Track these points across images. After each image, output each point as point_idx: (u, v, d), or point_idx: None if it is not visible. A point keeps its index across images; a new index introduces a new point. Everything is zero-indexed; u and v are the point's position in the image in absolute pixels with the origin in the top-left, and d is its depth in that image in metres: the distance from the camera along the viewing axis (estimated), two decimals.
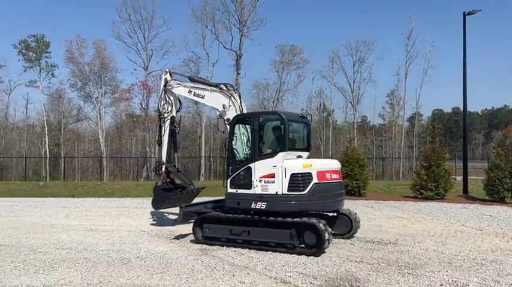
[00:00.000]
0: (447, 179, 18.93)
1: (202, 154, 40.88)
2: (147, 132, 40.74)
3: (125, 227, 11.25)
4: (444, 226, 11.40)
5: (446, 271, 6.75)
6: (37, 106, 46.89)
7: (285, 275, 6.47)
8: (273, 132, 9.03)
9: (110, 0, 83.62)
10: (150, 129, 40.62)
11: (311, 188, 8.02)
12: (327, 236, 7.70)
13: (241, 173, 8.70)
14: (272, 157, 8.40)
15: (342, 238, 9.35)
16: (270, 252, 8.00)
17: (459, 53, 25.95)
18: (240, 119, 9.26)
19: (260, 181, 8.37)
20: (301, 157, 8.88)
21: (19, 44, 43.37)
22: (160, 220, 12.53)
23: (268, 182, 8.29)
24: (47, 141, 41.96)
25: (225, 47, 40.07)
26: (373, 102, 77.58)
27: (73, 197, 20.98)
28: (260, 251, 8.07)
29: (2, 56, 42.36)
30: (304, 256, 7.72)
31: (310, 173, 8.08)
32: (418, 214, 13.82)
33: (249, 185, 8.49)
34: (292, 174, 8.12)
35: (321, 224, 7.78)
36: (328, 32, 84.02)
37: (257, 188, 8.38)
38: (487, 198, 18.24)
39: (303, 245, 7.93)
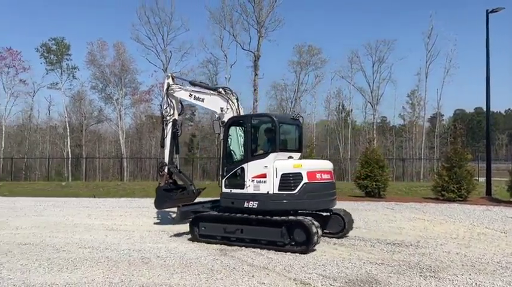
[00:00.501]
0: (470, 180, 18.56)
1: (221, 155, 41.06)
2: None
3: (145, 227, 11.39)
4: (467, 229, 11.17)
5: (470, 275, 6.62)
6: (59, 108, 47.93)
7: (305, 277, 6.44)
8: (265, 134, 9.34)
9: (129, 3, 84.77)
10: None
11: (301, 187, 8.30)
12: (314, 231, 7.89)
13: (235, 173, 9.05)
14: (264, 157, 8.72)
15: (335, 237, 9.51)
16: (289, 253, 7.98)
17: (482, 52, 25.43)
18: (234, 121, 9.61)
19: (252, 180, 8.69)
20: (292, 157, 9.13)
21: (40, 47, 44.42)
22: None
23: (260, 182, 8.61)
24: (68, 142, 42.81)
25: (243, 48, 40.22)
26: (393, 102, 76.45)
27: (94, 197, 21.35)
28: (279, 252, 8.06)
29: (26, 59, 42.80)
30: (324, 257, 7.70)
31: (301, 173, 8.36)
32: (440, 216, 13.59)
33: (242, 185, 8.81)
34: (283, 174, 8.41)
35: (308, 221, 8.00)
36: (347, 32, 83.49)
37: (249, 188, 8.71)
38: (511, 200, 17.80)
39: (293, 243, 8.13)
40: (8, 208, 16.40)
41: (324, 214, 9.49)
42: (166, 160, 11.63)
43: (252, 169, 8.73)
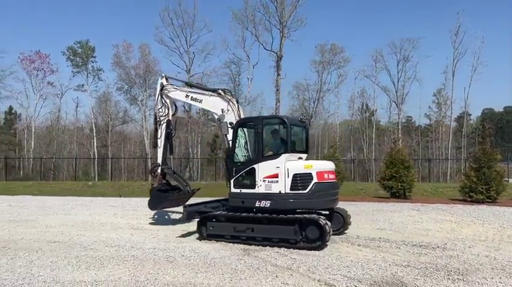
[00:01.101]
0: (499, 181, 18.01)
1: None
2: (190, 134, 41.57)
3: (169, 226, 11.54)
4: (496, 231, 10.85)
5: (500, 278, 6.43)
6: (86, 109, 49.24)
7: (329, 278, 6.39)
8: (277, 135, 9.57)
9: (153, 6, 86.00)
10: (193, 131, 41.43)
11: (311, 187, 8.60)
12: (327, 229, 8.24)
13: (244, 173, 9.24)
14: (275, 158, 8.96)
15: (335, 234, 9.57)
16: (311, 255, 7.94)
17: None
18: (244, 122, 9.88)
19: (264, 180, 8.92)
20: (302, 158, 9.45)
21: (67, 50, 45.61)
22: None
23: (271, 182, 8.84)
24: (95, 142, 43.78)
25: (265, 49, 40.24)
26: (419, 101, 75.17)
27: (120, 196, 21.75)
28: (303, 253, 8.03)
29: (53, 62, 44.07)
30: (348, 259, 7.61)
31: (311, 173, 8.66)
32: (468, 218, 13.23)
33: (253, 185, 9.04)
34: (294, 174, 8.68)
35: (322, 220, 8.35)
36: (371, 31, 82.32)
37: (261, 188, 8.93)
38: None
39: (305, 240, 8.42)
40: (38, 206, 16.90)
41: (324, 212, 9.69)
42: (160, 160, 11.62)
43: (263, 169, 8.95)
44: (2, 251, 8.25)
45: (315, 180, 8.62)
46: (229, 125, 9.82)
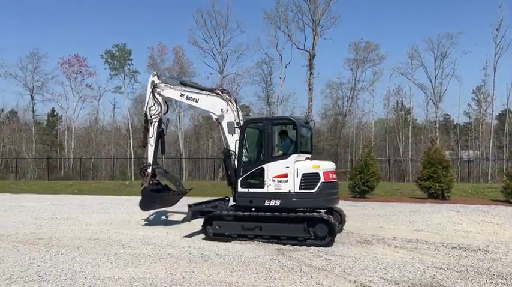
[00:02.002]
0: None
1: None
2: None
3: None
4: None
5: None
6: (123, 110, 50.57)
7: (365, 279, 6.29)
8: (286, 136, 9.81)
9: (187, 8, 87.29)
10: None
11: (319, 186, 8.92)
12: (337, 227, 8.72)
13: (252, 173, 9.43)
14: (285, 158, 9.22)
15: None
16: (347, 256, 7.83)
17: None
18: (252, 123, 10.13)
19: (273, 180, 9.13)
20: (309, 158, 9.69)
21: (105, 54, 47.01)
22: None
23: (281, 181, 9.08)
24: (131, 143, 44.89)
25: (298, 48, 40.06)
26: (457, 99, 72.46)
27: None
28: (337, 254, 7.94)
29: (91, 65, 45.58)
30: (385, 260, 7.46)
31: (318, 173, 8.99)
32: (511, 219, 12.69)
33: (261, 185, 9.25)
34: (303, 174, 8.97)
35: (331, 218, 8.76)
36: (406, 27, 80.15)
37: (270, 187, 9.15)
38: None
39: (314, 237, 8.73)
40: (78, 205, 17.52)
41: (323, 210, 9.90)
42: (151, 160, 11.41)
43: (272, 169, 9.17)
44: (45, 248, 8.60)
45: (322, 179, 8.94)
46: (236, 125, 9.89)
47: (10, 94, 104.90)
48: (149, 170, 11.36)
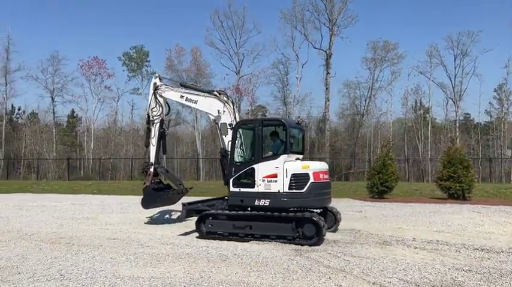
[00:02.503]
0: None
1: None
2: None
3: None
4: None
5: None
6: (141, 111, 50.93)
7: (384, 281, 6.21)
8: (276, 137, 9.92)
9: (204, 9, 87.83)
10: None
11: (308, 186, 9.02)
12: (323, 227, 8.72)
13: (244, 173, 9.60)
14: (275, 159, 9.36)
15: (329, 231, 9.84)
16: (366, 257, 7.76)
17: None
18: (244, 124, 10.23)
19: (263, 180, 9.30)
20: (299, 159, 9.83)
21: (123, 56, 47.64)
22: None
23: (271, 181, 9.23)
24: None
25: (314, 47, 39.98)
26: (478, 98, 71.01)
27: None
28: (356, 255, 7.87)
29: (110, 67, 46.16)
30: (405, 261, 7.36)
31: (308, 173, 9.08)
32: None
33: (252, 185, 9.41)
34: (292, 174, 9.07)
35: (319, 218, 8.82)
36: (425, 25, 78.98)
37: (260, 187, 9.31)
38: None
39: (302, 237, 8.86)
40: (97, 205, 17.78)
41: (318, 211, 10.12)
42: (153, 159, 11.72)
43: (263, 169, 9.33)
44: (67, 247, 8.75)
45: (311, 180, 9.04)
46: (228, 126, 10.11)
47: (31, 96, 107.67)
48: (151, 170, 11.71)
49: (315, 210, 9.94)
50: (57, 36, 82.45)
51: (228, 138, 10.11)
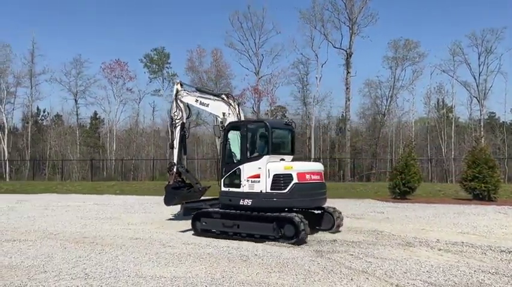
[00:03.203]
0: None
1: (312, 155, 40.79)
2: None
3: None
4: None
5: None
6: (162, 113, 51.65)
7: (408, 283, 6.10)
8: (259, 138, 10.10)
9: (223, 10, 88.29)
10: None
11: (291, 187, 9.09)
12: (302, 227, 8.68)
13: (232, 173, 9.92)
14: (258, 159, 9.55)
15: (328, 232, 10.17)
16: (388, 259, 7.65)
17: None
18: (233, 126, 10.49)
19: (248, 180, 9.54)
20: (284, 159, 9.86)
21: (144, 58, 48.30)
22: None
23: (254, 181, 9.45)
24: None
25: (334, 47, 39.70)
26: (504, 96, 69.18)
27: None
28: (378, 256, 7.77)
29: (131, 69, 46.84)
30: (429, 263, 7.23)
31: (291, 174, 9.15)
32: None
33: (238, 185, 9.71)
34: (274, 175, 9.22)
35: (297, 218, 8.76)
36: (448, 22, 77.45)
37: (245, 187, 9.58)
38: None
39: (284, 237, 8.97)
40: (120, 205, 18.07)
41: (317, 212, 10.33)
42: (175, 160, 12.51)
43: (247, 169, 9.59)
44: (90, 246, 8.92)
45: (295, 180, 9.11)
46: (221, 128, 10.52)
47: (56, 98, 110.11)
48: (174, 169, 12.52)
49: (316, 211, 10.26)
50: (80, 40, 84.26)
51: (220, 140, 10.57)
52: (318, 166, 10.32)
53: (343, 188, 24.38)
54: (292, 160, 10.22)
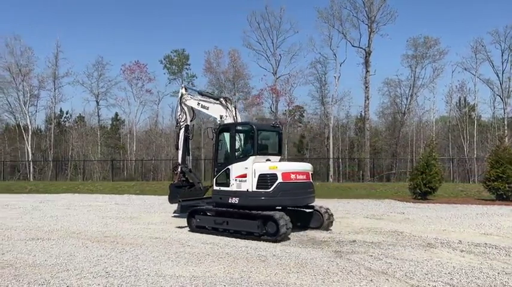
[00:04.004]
0: None
1: (331, 155, 40.51)
2: None
3: None
4: None
5: None
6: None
7: (429, 285, 6.00)
8: (246, 139, 10.61)
9: (240, 11, 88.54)
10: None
11: (276, 186, 9.54)
12: (282, 224, 9.02)
13: (223, 173, 10.44)
14: (244, 160, 10.06)
15: (318, 230, 10.55)
16: (408, 260, 7.54)
17: None
18: (223, 128, 10.98)
19: (236, 180, 10.06)
20: (270, 160, 10.32)
21: (164, 59, 48.77)
22: None
23: (241, 181, 9.95)
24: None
25: (353, 46, 39.34)
26: None
27: None
28: (399, 257, 7.67)
29: (151, 71, 47.34)
30: (450, 265, 7.10)
31: (276, 174, 9.61)
32: None
33: (228, 184, 10.23)
34: (260, 174, 9.70)
35: (278, 215, 9.15)
36: (468, 19, 75.89)
37: (233, 186, 10.10)
38: None
39: (267, 234, 9.32)
40: (140, 205, 18.32)
41: (308, 211, 10.76)
42: (180, 160, 13.37)
43: (235, 169, 10.10)
44: (111, 245, 9.06)
45: (279, 180, 9.55)
46: (213, 131, 11.10)
47: (78, 100, 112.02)
48: (179, 169, 13.38)
49: (307, 210, 10.71)
50: (101, 42, 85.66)
51: (213, 142, 11.08)
52: (305, 166, 10.71)
53: (363, 188, 24.14)
54: (280, 160, 10.84)
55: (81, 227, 11.73)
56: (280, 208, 10.02)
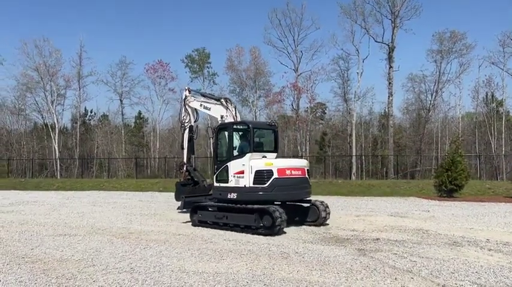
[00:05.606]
0: None
1: (353, 153, 40.08)
2: (298, 132, 41.79)
3: None
4: None
5: None
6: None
7: (455, 284, 5.87)
8: (243, 138, 11.12)
9: (261, 8, 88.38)
10: (301, 129, 41.57)
11: (271, 182, 9.96)
12: (276, 216, 9.41)
13: (222, 170, 10.91)
14: (242, 157, 10.51)
15: (315, 225, 10.88)
16: (434, 259, 7.40)
17: None
18: (222, 127, 11.56)
19: (234, 176, 10.55)
20: (266, 157, 10.77)
21: (185, 58, 49.19)
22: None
23: (239, 177, 10.43)
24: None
25: (376, 41, 38.75)
26: None
27: None
28: (424, 256, 7.53)
29: (173, 70, 47.82)
30: (478, 264, 6.92)
31: (271, 170, 10.02)
32: None
33: (226, 180, 10.73)
34: (256, 171, 10.14)
35: (272, 208, 9.57)
36: (496, 12, 73.65)
37: (232, 182, 10.60)
38: None
39: (264, 227, 9.68)
40: (163, 202, 18.54)
41: (305, 205, 11.14)
42: (185, 159, 14.02)
43: (233, 166, 10.59)
44: (135, 241, 9.21)
45: (275, 176, 9.97)
46: (212, 130, 11.56)
47: (102, 99, 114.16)
48: (184, 168, 14.08)
49: (305, 204, 11.07)
50: (124, 41, 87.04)
51: (212, 140, 11.62)
52: (300, 162, 11.17)
53: (387, 186, 23.80)
54: (277, 157, 11.26)
55: (107, 224, 11.96)
56: (279, 203, 10.51)
